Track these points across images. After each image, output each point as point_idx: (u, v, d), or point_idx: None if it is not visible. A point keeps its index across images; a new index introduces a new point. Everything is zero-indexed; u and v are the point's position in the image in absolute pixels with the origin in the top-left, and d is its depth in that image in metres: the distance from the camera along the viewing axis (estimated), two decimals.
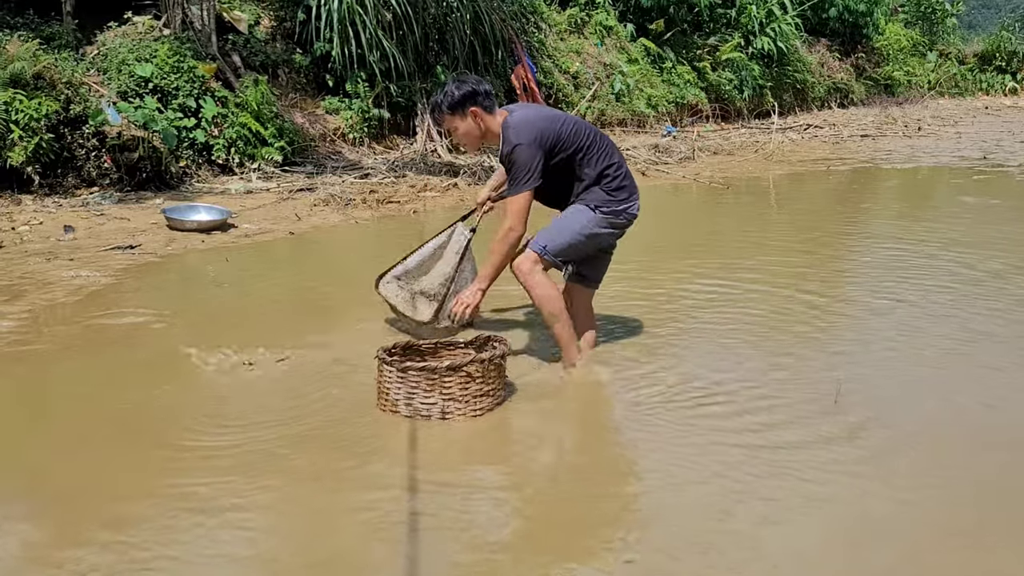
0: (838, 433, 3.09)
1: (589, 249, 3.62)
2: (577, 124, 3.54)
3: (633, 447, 3.03)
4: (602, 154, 3.53)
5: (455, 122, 3.50)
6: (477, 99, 3.45)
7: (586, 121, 3.88)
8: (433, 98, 3.54)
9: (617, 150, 3.66)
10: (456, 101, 3.45)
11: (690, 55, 15.51)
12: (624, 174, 3.59)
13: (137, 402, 3.35)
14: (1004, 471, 2.88)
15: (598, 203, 3.51)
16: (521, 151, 3.35)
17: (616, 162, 3.57)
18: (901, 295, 4.92)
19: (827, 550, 2.39)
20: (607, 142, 3.61)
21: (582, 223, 3.51)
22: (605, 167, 3.52)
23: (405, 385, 3.13)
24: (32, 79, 6.90)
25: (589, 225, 3.51)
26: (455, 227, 4.12)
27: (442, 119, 3.54)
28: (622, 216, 3.57)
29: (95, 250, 5.76)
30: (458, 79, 3.52)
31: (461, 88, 3.45)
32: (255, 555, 2.34)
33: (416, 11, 10.18)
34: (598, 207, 3.51)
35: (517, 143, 3.36)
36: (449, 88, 3.48)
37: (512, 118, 3.45)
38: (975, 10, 36.45)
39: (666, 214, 8.67)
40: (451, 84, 3.49)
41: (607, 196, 3.52)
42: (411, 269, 4.07)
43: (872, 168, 11.47)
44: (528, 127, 3.39)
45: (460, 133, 3.53)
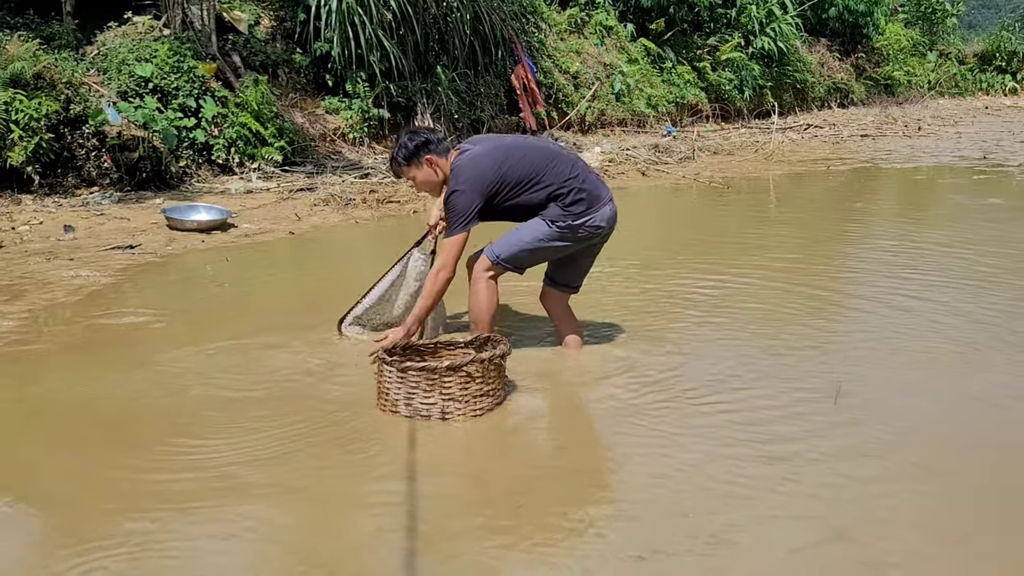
0: (837, 433, 3.09)
1: (545, 258, 3.71)
2: (526, 156, 3.57)
3: (633, 447, 3.03)
4: (555, 176, 3.55)
5: (412, 172, 3.61)
6: (430, 147, 3.57)
7: (542, 142, 3.94)
8: (390, 153, 3.68)
9: (577, 163, 3.66)
10: (411, 152, 3.57)
11: (690, 55, 15.51)
12: (578, 189, 3.57)
13: (135, 401, 3.35)
14: (1005, 471, 2.87)
15: (553, 217, 3.57)
16: (458, 197, 3.46)
17: (569, 179, 3.57)
18: (901, 295, 4.91)
19: (827, 550, 2.39)
20: (562, 161, 3.62)
21: (534, 235, 3.60)
22: (556, 190, 3.55)
23: (405, 385, 3.12)
24: (32, 79, 6.90)
25: (542, 237, 3.59)
26: (410, 254, 4.03)
27: (400, 171, 3.65)
28: (581, 229, 3.59)
29: (95, 250, 5.77)
30: (410, 131, 3.66)
31: (414, 139, 3.58)
32: (254, 556, 2.34)
33: (416, 11, 10.18)
34: (553, 221, 3.57)
35: (455, 189, 3.48)
36: (403, 140, 3.61)
37: (460, 160, 3.54)
38: (975, 10, 36.44)
39: (666, 214, 8.67)
40: (404, 136, 3.63)
41: (562, 211, 3.56)
42: (372, 306, 3.99)
43: (872, 168, 11.47)
44: (470, 172, 3.48)
45: (419, 181, 3.63)
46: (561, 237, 3.59)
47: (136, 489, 2.66)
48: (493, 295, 3.65)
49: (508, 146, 3.64)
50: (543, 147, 3.73)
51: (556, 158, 3.63)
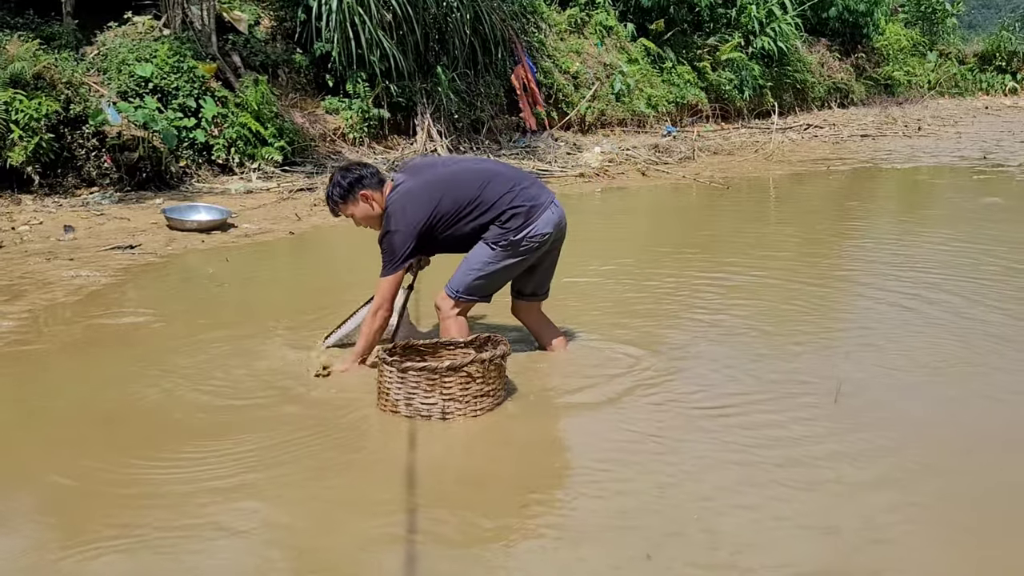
0: (837, 434, 3.09)
1: (505, 279, 3.67)
2: (459, 184, 3.54)
3: (633, 447, 3.03)
4: (489, 198, 3.52)
5: (349, 209, 3.55)
6: (363, 182, 3.52)
7: (479, 163, 3.95)
8: (325, 192, 3.62)
9: (511, 178, 3.61)
10: (345, 190, 3.52)
11: (690, 55, 15.51)
12: (512, 206, 3.52)
13: (135, 401, 3.35)
14: (1008, 470, 2.87)
15: (494, 239, 3.55)
16: (392, 237, 3.46)
17: (503, 195, 3.53)
18: (901, 294, 4.91)
19: (827, 551, 2.38)
20: (497, 180, 3.57)
21: (483, 261, 3.57)
22: (491, 212, 3.52)
23: (405, 385, 3.12)
24: (32, 79, 6.90)
25: (490, 260, 3.56)
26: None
27: (337, 210, 3.60)
28: (524, 243, 3.54)
29: (95, 250, 5.77)
30: (342, 168, 3.60)
31: (347, 177, 3.53)
32: (254, 556, 2.34)
33: (416, 11, 10.18)
34: (495, 243, 3.55)
35: (387, 229, 3.47)
36: (335, 179, 3.56)
37: (393, 198, 3.50)
38: (975, 10, 36.44)
39: (666, 214, 8.67)
40: (337, 175, 3.57)
41: (501, 230, 3.53)
42: (349, 333, 3.91)
43: (872, 168, 11.47)
44: (403, 211, 3.45)
45: (359, 217, 3.58)
46: (508, 255, 3.55)
47: (135, 489, 2.66)
48: (464, 330, 3.65)
49: (441, 177, 3.58)
50: (479, 170, 3.67)
51: (492, 179, 3.57)
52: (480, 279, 3.59)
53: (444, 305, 3.63)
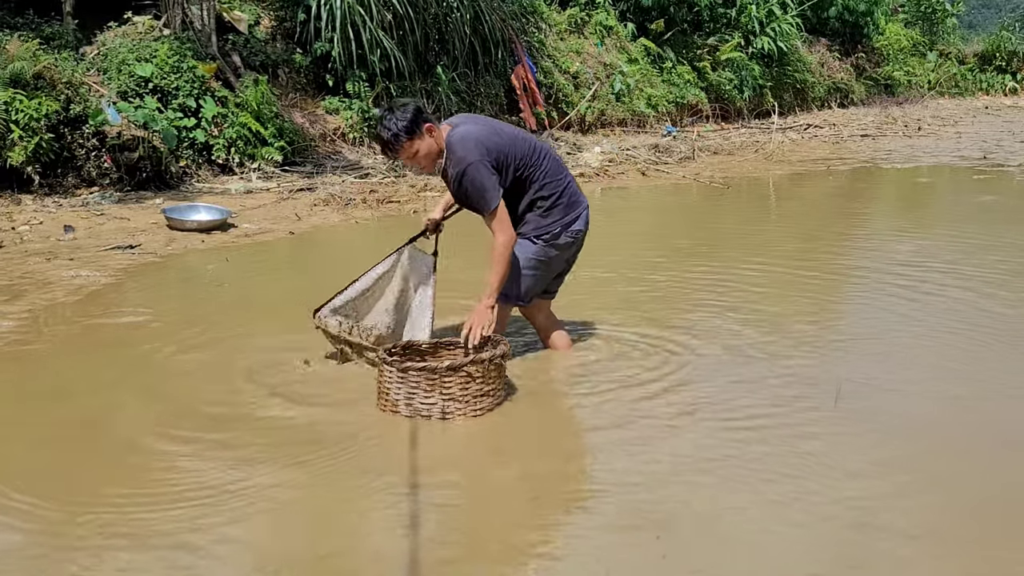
0: (838, 435, 3.09)
1: (550, 275, 3.61)
2: (516, 140, 3.44)
3: (633, 447, 3.03)
4: (540, 173, 3.45)
5: (415, 145, 3.28)
6: (424, 114, 3.31)
7: (527, 135, 3.73)
8: (383, 132, 3.27)
9: (558, 163, 3.57)
10: (410, 123, 3.25)
11: (690, 55, 15.51)
12: (559, 193, 3.49)
13: (134, 401, 3.35)
14: (1009, 470, 2.87)
15: (536, 232, 3.47)
16: (472, 170, 3.25)
17: (550, 182, 3.48)
18: (902, 295, 4.91)
19: (828, 551, 2.38)
20: (548, 157, 3.52)
21: (528, 258, 3.49)
22: (541, 187, 3.45)
23: (405, 385, 3.12)
24: (32, 79, 6.90)
25: (536, 256, 3.49)
26: (402, 250, 3.77)
27: (400, 148, 3.29)
28: (564, 236, 3.52)
29: (95, 250, 5.77)
30: (395, 104, 3.33)
31: (407, 109, 3.27)
32: (254, 556, 2.34)
33: (416, 11, 10.18)
34: (538, 237, 3.48)
35: (468, 163, 3.26)
36: (396, 115, 3.26)
37: (455, 134, 3.34)
38: (975, 10, 36.44)
39: (666, 214, 8.67)
40: (396, 111, 3.28)
41: (542, 221, 3.47)
42: (353, 299, 3.70)
43: (872, 168, 11.47)
44: (473, 143, 3.29)
45: (422, 155, 3.32)
46: (553, 248, 3.51)
47: (134, 488, 2.66)
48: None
49: (502, 125, 3.52)
50: (531, 138, 3.61)
51: (545, 152, 3.53)
52: (530, 278, 3.50)
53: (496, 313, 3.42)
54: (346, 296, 3.68)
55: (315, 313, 3.66)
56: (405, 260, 3.78)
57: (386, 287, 3.76)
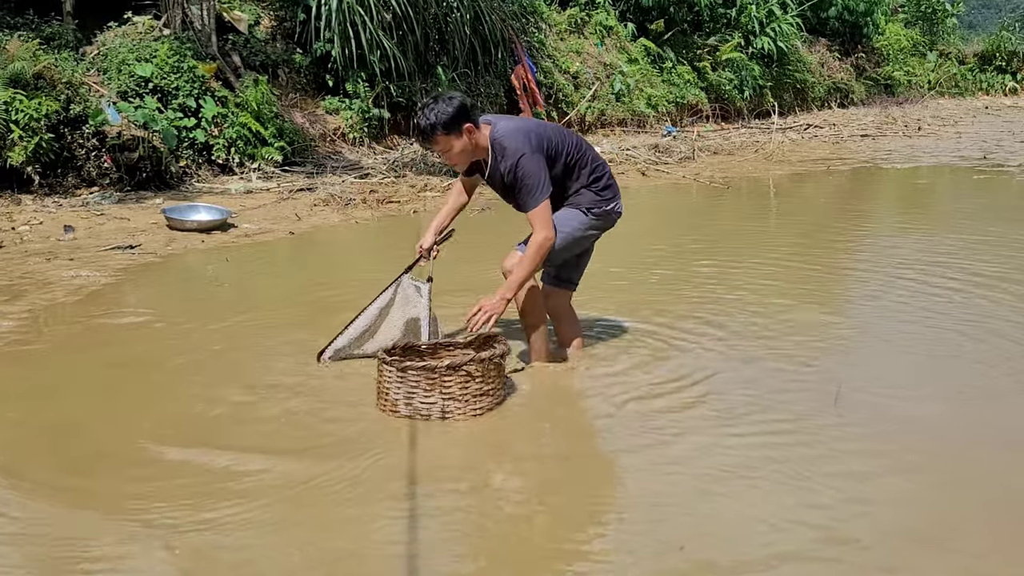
0: (838, 435, 3.08)
1: (577, 251, 3.60)
2: (559, 130, 3.52)
3: (633, 447, 3.03)
4: (588, 157, 3.52)
5: (451, 142, 3.26)
6: (468, 114, 3.27)
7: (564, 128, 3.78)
8: (421, 119, 3.24)
9: (597, 154, 3.67)
10: (451, 118, 3.21)
11: (690, 55, 15.51)
12: (609, 174, 3.60)
13: (134, 402, 3.35)
14: (1010, 471, 2.87)
15: (589, 205, 3.49)
16: (527, 161, 3.25)
17: (601, 162, 3.59)
18: (902, 294, 4.91)
19: (831, 555, 2.38)
20: (588, 145, 3.63)
21: (575, 226, 3.47)
22: (593, 169, 3.52)
23: (405, 385, 3.12)
24: (32, 79, 6.90)
25: (581, 228, 3.49)
26: (399, 281, 3.74)
27: (435, 140, 3.27)
28: (611, 216, 3.59)
29: (95, 250, 5.77)
30: (443, 96, 3.29)
31: (452, 103, 3.23)
32: (253, 556, 2.34)
33: (416, 11, 10.18)
34: (589, 209, 3.50)
35: (521, 153, 3.26)
36: (439, 106, 3.22)
37: (500, 130, 3.34)
38: (975, 10, 36.43)
39: (666, 214, 8.67)
40: (440, 102, 3.23)
41: (597, 197, 3.51)
42: (356, 338, 3.68)
43: (872, 168, 11.47)
44: (523, 135, 3.30)
45: (455, 153, 3.30)
46: (596, 225, 3.53)
47: (133, 488, 2.66)
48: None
49: (539, 121, 3.60)
50: (567, 129, 3.68)
51: (584, 140, 3.60)
52: (566, 246, 3.46)
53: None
54: (348, 335, 3.69)
55: (319, 356, 3.68)
56: (402, 291, 3.75)
57: (386, 320, 3.74)
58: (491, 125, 3.37)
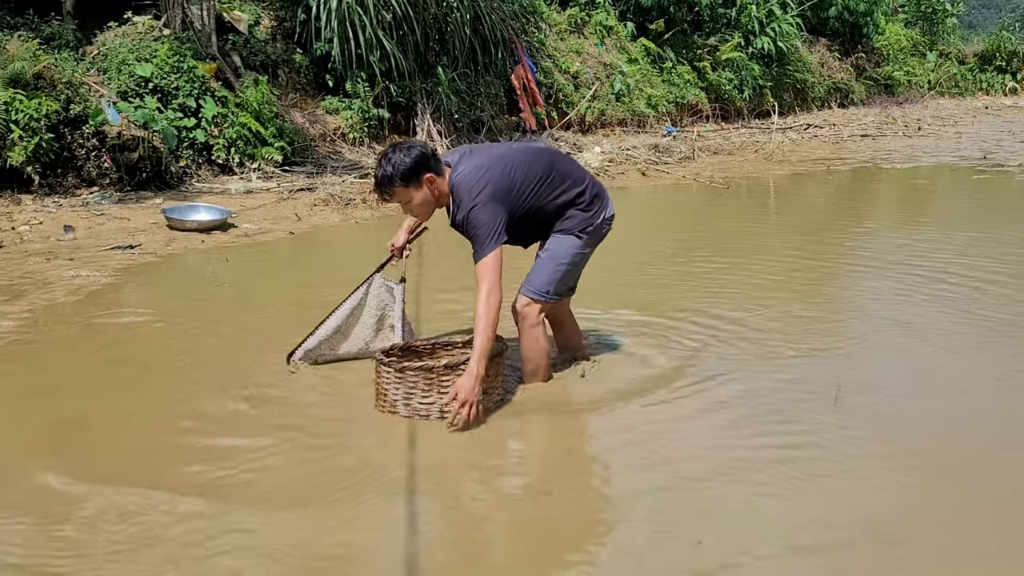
0: (838, 435, 3.09)
1: (580, 270, 3.53)
2: (528, 160, 3.28)
3: (633, 446, 3.03)
4: (568, 177, 3.35)
5: (410, 194, 3.13)
6: (429, 164, 3.13)
7: (534, 146, 3.61)
8: (378, 171, 3.13)
9: (572, 162, 3.52)
10: (410, 169, 3.09)
11: (690, 55, 15.51)
12: (590, 186, 3.41)
13: (133, 402, 3.35)
14: (1010, 470, 2.87)
15: (581, 227, 3.35)
16: (478, 212, 3.09)
17: (580, 176, 3.41)
18: (903, 295, 4.91)
19: (832, 555, 2.38)
20: (567, 160, 3.47)
21: (571, 252, 3.36)
22: (576, 187, 3.34)
23: (403, 385, 3.12)
24: (32, 79, 6.90)
25: (577, 251, 3.38)
26: (371, 280, 3.69)
27: (393, 192, 3.14)
28: (603, 227, 3.47)
29: (95, 250, 5.77)
30: (401, 145, 3.16)
31: (411, 153, 3.10)
32: (254, 557, 2.34)
33: (416, 11, 10.18)
34: (582, 230, 3.36)
35: (473, 204, 3.09)
36: (396, 156, 3.10)
37: (459, 175, 3.16)
38: (975, 10, 36.42)
39: (666, 214, 8.67)
40: (398, 152, 3.11)
41: (585, 214, 3.36)
42: (326, 338, 3.62)
43: (872, 168, 11.47)
44: (481, 181, 3.12)
45: (415, 205, 3.17)
46: (592, 241, 3.43)
47: (132, 488, 2.66)
48: (548, 338, 3.48)
49: (505, 152, 3.30)
50: (539, 149, 3.54)
51: (559, 157, 3.47)
52: (567, 273, 3.37)
53: (531, 312, 3.34)
54: (319, 336, 3.61)
55: (288, 357, 3.59)
56: (374, 291, 3.70)
57: (358, 320, 3.69)
58: (452, 168, 3.21)
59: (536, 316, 3.36)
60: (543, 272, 3.36)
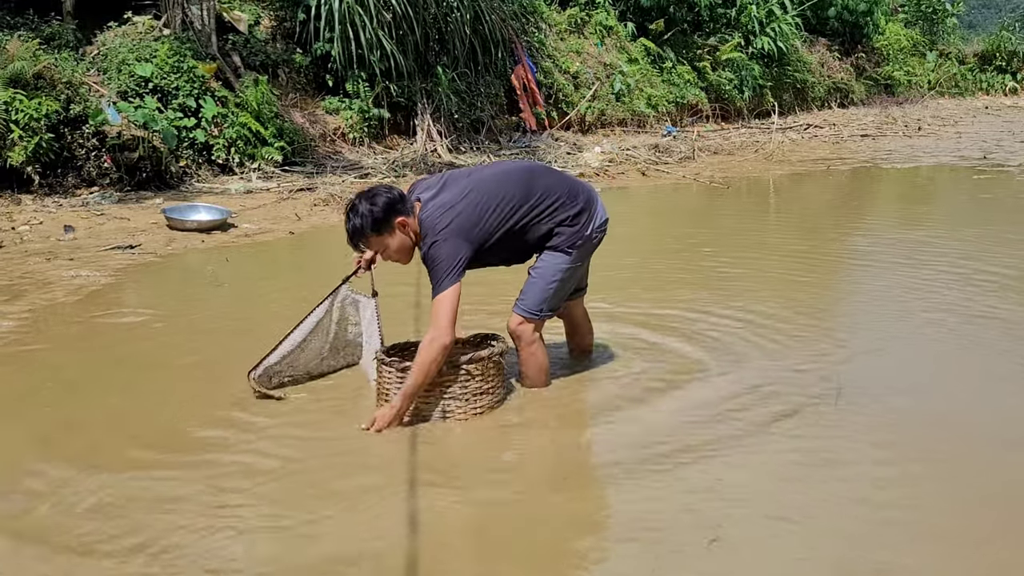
0: (838, 436, 3.08)
1: (576, 282, 3.47)
2: (503, 188, 3.14)
3: (632, 445, 3.02)
4: (551, 194, 3.22)
5: (384, 242, 3.05)
6: (397, 208, 3.02)
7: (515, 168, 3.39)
8: (347, 225, 3.06)
9: (557, 175, 3.39)
10: (379, 219, 3.00)
11: (690, 55, 15.53)
12: (575, 198, 3.28)
13: (132, 402, 3.35)
14: (1007, 471, 2.87)
15: (569, 243, 3.25)
16: (439, 248, 2.98)
17: (563, 194, 3.25)
18: (903, 295, 4.91)
19: (833, 555, 2.38)
20: (545, 179, 3.29)
21: (561, 268, 3.27)
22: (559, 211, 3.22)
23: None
24: (32, 79, 6.91)
25: (568, 266, 3.30)
26: (337, 292, 3.57)
27: (368, 243, 3.08)
28: (594, 236, 3.37)
29: (95, 250, 5.77)
30: (366, 195, 3.05)
31: (377, 202, 3.00)
32: (254, 558, 2.34)
33: (416, 11, 10.19)
34: (571, 246, 3.26)
35: (435, 239, 2.98)
36: (363, 207, 3.00)
37: (426, 213, 3.04)
38: (975, 10, 36.46)
39: (666, 214, 8.67)
40: (364, 201, 3.02)
41: (572, 228, 3.25)
42: (287, 354, 3.44)
43: (872, 168, 11.48)
44: (444, 218, 3.01)
45: (393, 251, 3.08)
46: (582, 254, 3.35)
47: (131, 488, 2.66)
48: (546, 353, 3.42)
49: (479, 179, 3.16)
50: (514, 168, 3.38)
51: (541, 172, 3.34)
52: (560, 288, 3.29)
53: (525, 331, 3.27)
54: (281, 351, 3.43)
55: (249, 374, 3.40)
56: (339, 302, 3.60)
57: (321, 333, 3.55)
58: (423, 204, 3.08)
59: (531, 334, 3.31)
60: (534, 290, 3.29)
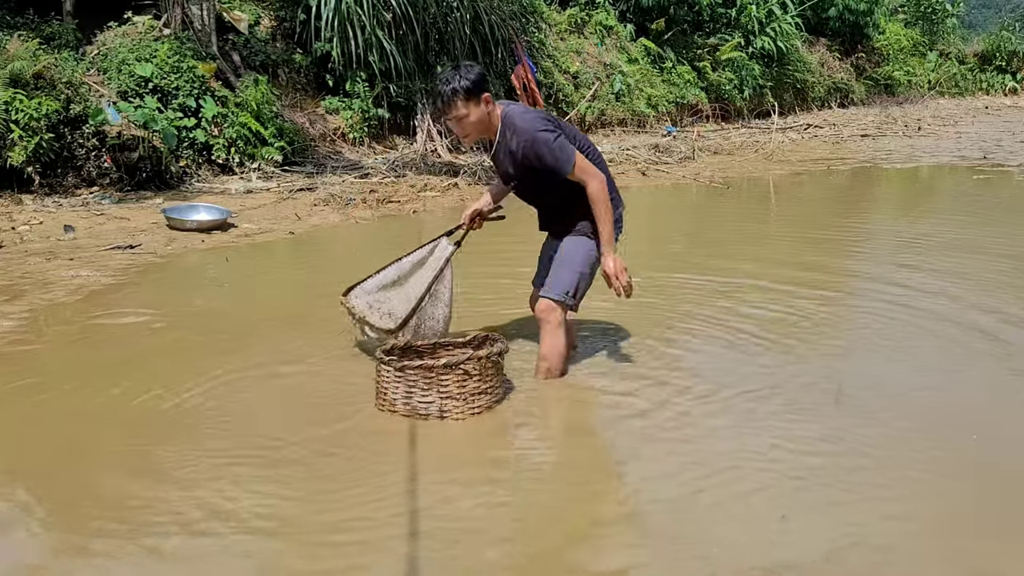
0: (838, 436, 3.08)
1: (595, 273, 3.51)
2: (569, 125, 3.44)
3: (631, 445, 3.03)
4: (596, 160, 3.39)
5: (469, 109, 3.18)
6: (487, 85, 3.24)
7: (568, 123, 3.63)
8: (441, 85, 3.18)
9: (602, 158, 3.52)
10: (472, 85, 3.15)
11: (690, 55, 15.53)
12: (619, 201, 3.46)
13: (132, 402, 3.35)
14: (1007, 470, 2.87)
15: (595, 231, 3.35)
16: (545, 135, 3.16)
17: (615, 190, 3.44)
18: (903, 295, 4.91)
19: (833, 555, 2.38)
20: (593, 146, 3.50)
21: (589, 255, 3.38)
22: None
23: (403, 384, 3.12)
24: (32, 79, 6.91)
25: (593, 254, 3.39)
26: (438, 242, 3.71)
27: (452, 108, 3.18)
28: (619, 224, 3.45)
29: (95, 250, 5.77)
30: (462, 64, 3.24)
31: (473, 70, 3.18)
32: (254, 558, 2.34)
33: (416, 11, 10.19)
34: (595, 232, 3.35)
35: (537, 129, 3.17)
36: (461, 71, 3.17)
37: (513, 109, 3.27)
38: (975, 10, 36.45)
39: (667, 214, 8.67)
40: (462, 68, 3.20)
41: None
42: (385, 285, 3.68)
43: (872, 168, 11.48)
44: (539, 117, 3.24)
45: (471, 122, 3.21)
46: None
47: (131, 488, 2.66)
48: (566, 338, 3.48)
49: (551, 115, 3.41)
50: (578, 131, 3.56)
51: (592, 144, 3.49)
52: (586, 277, 3.38)
53: (554, 316, 3.35)
54: (378, 280, 3.69)
55: (346, 292, 3.70)
56: (439, 252, 3.70)
57: (414, 277, 3.71)
58: (503, 106, 3.31)
59: (558, 319, 3.37)
60: (563, 276, 3.36)
